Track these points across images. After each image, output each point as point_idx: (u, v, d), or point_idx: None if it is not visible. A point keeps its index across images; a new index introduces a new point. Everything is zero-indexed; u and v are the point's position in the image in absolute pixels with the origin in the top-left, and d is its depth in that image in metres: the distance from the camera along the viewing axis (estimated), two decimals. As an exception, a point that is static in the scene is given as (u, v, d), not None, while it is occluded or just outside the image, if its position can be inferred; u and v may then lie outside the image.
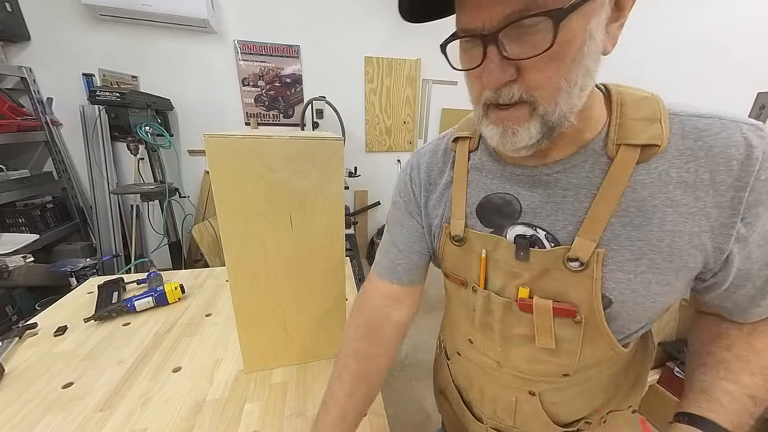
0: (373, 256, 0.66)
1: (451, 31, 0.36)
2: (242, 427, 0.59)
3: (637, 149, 0.37)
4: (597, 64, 0.34)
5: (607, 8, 0.32)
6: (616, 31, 0.35)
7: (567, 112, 0.34)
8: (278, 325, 0.71)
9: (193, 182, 2.57)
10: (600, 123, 0.39)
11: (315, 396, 0.66)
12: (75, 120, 2.15)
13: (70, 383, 0.67)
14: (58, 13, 1.99)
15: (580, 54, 0.31)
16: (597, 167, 0.39)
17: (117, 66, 2.17)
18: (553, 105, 0.33)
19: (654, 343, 0.56)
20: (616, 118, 0.38)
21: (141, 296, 0.94)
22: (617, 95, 0.39)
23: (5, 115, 1.84)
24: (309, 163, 0.60)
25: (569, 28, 0.30)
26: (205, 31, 2.25)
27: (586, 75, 0.33)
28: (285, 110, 2.60)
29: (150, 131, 1.89)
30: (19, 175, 1.93)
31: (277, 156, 0.58)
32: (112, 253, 2.29)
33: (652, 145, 0.36)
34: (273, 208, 0.61)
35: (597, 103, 0.39)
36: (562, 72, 0.32)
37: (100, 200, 2.27)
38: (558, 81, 0.32)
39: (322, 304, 0.73)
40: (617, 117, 0.38)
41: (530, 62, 0.31)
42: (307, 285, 0.69)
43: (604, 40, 0.33)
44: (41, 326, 0.85)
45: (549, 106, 0.33)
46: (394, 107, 2.82)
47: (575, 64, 0.32)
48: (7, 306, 1.70)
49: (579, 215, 0.40)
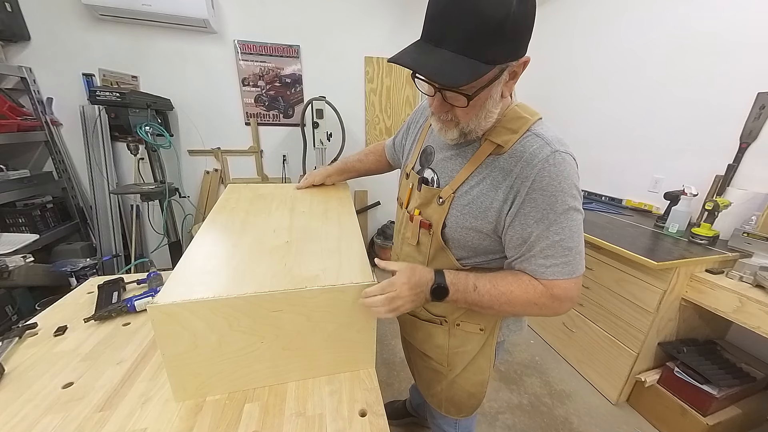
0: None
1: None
2: (242, 427, 0.59)
3: (494, 145, 0.60)
4: (497, 106, 0.58)
5: (504, 80, 0.54)
6: (512, 87, 0.58)
7: (475, 128, 0.60)
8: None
9: (193, 182, 2.58)
10: (492, 124, 0.61)
11: (315, 396, 0.66)
12: (75, 120, 2.15)
13: (70, 383, 0.67)
14: (58, 13, 1.99)
15: (484, 107, 0.56)
16: (473, 148, 0.64)
17: (117, 66, 2.17)
18: (467, 125, 0.59)
19: None
20: (497, 121, 0.60)
21: (141, 296, 0.94)
22: (509, 111, 0.61)
23: (5, 115, 1.84)
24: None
25: (477, 98, 0.53)
26: (205, 31, 2.25)
27: (488, 114, 0.57)
28: (285, 110, 2.60)
29: (150, 131, 1.89)
30: (19, 175, 1.93)
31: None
32: (112, 253, 2.29)
33: (501, 145, 0.59)
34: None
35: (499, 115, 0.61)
36: (472, 114, 0.57)
37: (100, 200, 2.27)
38: (470, 117, 0.58)
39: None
40: (498, 120, 0.60)
41: (458, 107, 0.56)
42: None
43: (501, 93, 0.56)
44: (41, 326, 0.84)
45: (465, 125, 0.59)
46: (394, 107, 2.82)
47: (481, 111, 0.57)
48: (7, 306, 1.71)
49: (453, 173, 0.66)
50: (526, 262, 0.60)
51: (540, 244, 0.57)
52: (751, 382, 1.36)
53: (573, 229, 0.56)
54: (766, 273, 1.22)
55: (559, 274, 0.57)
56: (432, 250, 0.71)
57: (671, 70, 1.87)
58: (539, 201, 0.55)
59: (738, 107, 1.57)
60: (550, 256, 0.57)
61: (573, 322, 1.82)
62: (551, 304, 0.59)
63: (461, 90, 0.50)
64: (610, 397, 1.62)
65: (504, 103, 0.59)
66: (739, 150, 1.57)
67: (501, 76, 0.52)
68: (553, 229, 0.56)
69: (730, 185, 1.59)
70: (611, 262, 1.55)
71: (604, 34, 2.29)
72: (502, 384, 1.73)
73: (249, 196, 1.02)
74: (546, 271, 0.58)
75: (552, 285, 0.58)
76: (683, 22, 1.80)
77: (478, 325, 0.76)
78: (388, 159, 1.03)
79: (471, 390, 0.83)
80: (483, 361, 0.79)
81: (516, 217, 0.58)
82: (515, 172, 0.57)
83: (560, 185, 0.55)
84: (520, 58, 0.52)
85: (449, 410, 0.88)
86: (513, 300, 0.60)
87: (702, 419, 1.31)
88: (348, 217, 0.93)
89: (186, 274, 0.65)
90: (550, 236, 0.56)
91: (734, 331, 1.61)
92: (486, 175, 0.61)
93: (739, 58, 1.58)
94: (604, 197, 2.32)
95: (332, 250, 0.75)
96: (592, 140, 2.43)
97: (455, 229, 0.65)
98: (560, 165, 0.55)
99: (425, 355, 0.85)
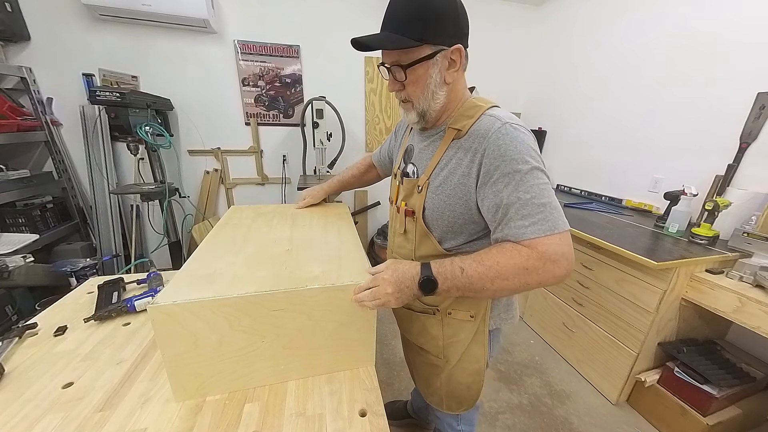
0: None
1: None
2: (242, 427, 0.59)
3: (455, 130, 0.69)
4: (442, 88, 0.68)
5: (442, 64, 0.65)
6: (453, 74, 0.67)
7: (426, 108, 0.70)
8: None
9: (193, 182, 2.58)
10: (453, 113, 0.72)
11: (315, 396, 0.66)
12: (75, 120, 2.15)
13: (70, 383, 0.67)
14: (58, 13, 1.99)
15: (428, 86, 0.67)
16: (439, 137, 0.74)
17: (117, 66, 2.17)
18: (419, 105, 0.70)
19: None
20: (456, 113, 0.71)
21: (141, 296, 0.94)
22: (467, 102, 0.71)
23: (5, 115, 1.84)
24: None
25: (414, 73, 0.66)
26: (205, 31, 2.25)
27: (434, 94, 0.68)
28: (285, 110, 2.60)
29: (150, 131, 1.89)
30: (19, 175, 1.92)
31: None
32: (112, 253, 2.29)
33: (461, 129, 0.68)
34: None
35: (455, 103, 0.72)
36: (417, 92, 0.68)
37: (100, 200, 2.27)
38: (417, 95, 0.69)
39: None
40: (457, 112, 0.71)
41: (405, 83, 0.68)
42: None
43: (443, 78, 0.67)
44: (41, 326, 0.85)
45: (417, 105, 0.70)
46: (394, 107, 2.81)
47: (426, 89, 0.67)
48: (7, 306, 1.70)
49: (427, 162, 0.75)
50: (506, 228, 0.61)
51: (514, 206, 0.59)
52: (751, 382, 1.36)
53: (541, 187, 0.59)
54: (766, 273, 1.22)
55: (539, 231, 0.57)
56: (417, 237, 0.78)
57: (671, 70, 1.87)
58: (502, 167, 0.61)
59: (738, 107, 1.57)
60: (526, 216, 0.58)
61: (573, 322, 1.82)
62: (543, 266, 0.57)
63: (398, 62, 0.65)
64: (610, 397, 1.62)
65: (454, 91, 0.70)
66: (739, 150, 1.57)
67: (435, 58, 0.64)
68: (522, 188, 0.59)
69: (730, 185, 1.59)
70: (611, 262, 1.55)
71: (604, 34, 2.29)
72: (502, 384, 1.73)
73: (251, 215, 1.05)
74: (526, 231, 0.58)
75: (535, 244, 0.57)
76: (683, 21, 1.81)
77: (468, 312, 0.79)
78: (378, 167, 1.12)
79: (468, 380, 0.85)
80: (477, 348, 0.82)
81: (485, 187, 0.63)
82: (474, 147, 0.65)
83: (517, 148, 0.60)
84: (452, 46, 0.64)
85: (450, 405, 0.90)
86: (502, 271, 0.58)
87: (702, 419, 1.31)
88: (347, 229, 0.95)
89: (186, 277, 0.65)
90: (521, 195, 0.59)
91: (734, 331, 1.61)
92: (451, 157, 0.69)
93: (739, 58, 1.58)
94: (604, 197, 2.32)
95: (332, 256, 0.76)
96: (592, 140, 2.44)
97: (433, 210, 0.73)
98: (512, 134, 0.62)
99: (422, 350, 0.88)
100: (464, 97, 0.72)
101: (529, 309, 2.21)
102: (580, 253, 1.70)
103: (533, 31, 2.92)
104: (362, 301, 0.64)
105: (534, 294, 2.15)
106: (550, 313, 2.01)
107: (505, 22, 2.83)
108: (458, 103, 0.71)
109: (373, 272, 0.67)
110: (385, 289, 0.62)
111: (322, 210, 1.12)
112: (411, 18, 0.61)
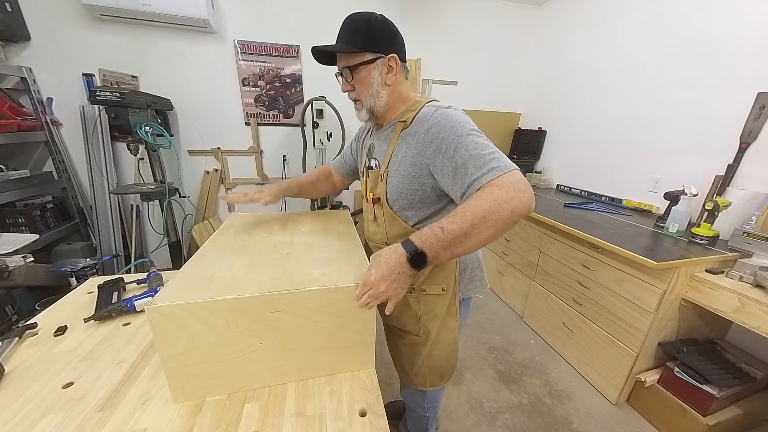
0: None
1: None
2: (242, 427, 0.59)
3: (402, 123, 0.81)
4: (384, 89, 0.81)
5: (382, 68, 0.79)
6: (392, 78, 0.81)
7: (373, 105, 0.83)
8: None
9: (193, 182, 2.58)
10: (400, 111, 0.85)
11: (315, 396, 0.66)
12: (75, 120, 2.15)
13: (70, 383, 0.67)
14: (58, 13, 1.99)
15: (371, 86, 0.81)
16: (392, 131, 0.85)
17: (117, 66, 2.17)
18: (367, 102, 0.83)
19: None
20: (402, 109, 0.84)
21: (141, 296, 0.95)
22: (411, 99, 0.86)
23: (5, 115, 1.84)
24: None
25: (359, 75, 0.80)
26: (205, 31, 2.25)
27: (378, 93, 0.82)
28: (285, 110, 2.60)
29: (150, 131, 1.89)
30: (19, 175, 1.93)
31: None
32: (112, 253, 2.29)
33: (406, 120, 0.80)
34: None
35: (401, 103, 0.85)
36: (364, 91, 0.82)
37: (100, 200, 2.27)
38: (364, 94, 0.82)
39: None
40: (403, 108, 0.85)
41: (354, 84, 0.82)
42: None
43: (383, 80, 0.80)
44: (41, 326, 0.85)
45: (365, 102, 0.83)
46: (394, 107, 2.81)
47: (368, 89, 0.81)
48: (7, 306, 1.71)
49: (384, 154, 0.85)
50: (468, 180, 0.67)
51: (469, 162, 0.67)
52: (751, 382, 1.36)
53: (485, 143, 0.69)
54: (766, 273, 1.22)
55: (497, 172, 0.64)
56: (387, 220, 0.88)
57: (671, 71, 1.87)
58: (447, 138, 0.70)
59: (738, 107, 1.57)
60: (481, 166, 0.65)
61: (573, 322, 1.82)
62: (510, 193, 0.61)
63: (347, 65, 0.79)
64: (610, 397, 1.62)
65: (397, 92, 0.84)
66: (739, 150, 1.57)
67: (375, 63, 0.78)
68: (470, 147, 0.67)
69: (730, 185, 1.59)
70: (611, 262, 1.55)
71: (604, 34, 2.29)
72: (502, 384, 1.73)
73: (251, 222, 1.05)
74: (486, 176, 0.64)
75: (495, 182, 0.63)
76: (683, 22, 1.80)
77: (439, 285, 0.88)
78: (341, 174, 1.18)
79: (447, 350, 0.94)
80: (450, 320, 0.91)
81: (437, 158, 0.72)
82: (418, 131, 0.76)
83: (454, 120, 0.71)
84: (388, 55, 0.78)
85: (434, 380, 0.98)
86: (478, 211, 0.61)
87: (702, 419, 1.31)
88: (348, 233, 0.95)
89: (185, 279, 0.65)
90: (471, 152, 0.67)
91: (734, 331, 1.61)
92: (401, 144, 0.81)
93: (739, 58, 1.58)
94: (604, 197, 2.32)
95: (332, 259, 0.76)
96: (592, 140, 2.43)
97: (393, 192, 0.83)
98: (447, 112, 0.73)
99: (403, 332, 0.96)
100: (408, 98, 0.86)
101: (529, 309, 2.21)
102: (580, 253, 1.70)
103: (533, 32, 2.92)
104: (366, 304, 0.64)
105: (534, 294, 2.15)
106: (550, 313, 2.01)
107: (505, 22, 2.83)
108: (403, 103, 0.85)
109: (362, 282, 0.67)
110: (378, 288, 0.63)
111: (323, 216, 1.13)
112: (354, 31, 0.77)
